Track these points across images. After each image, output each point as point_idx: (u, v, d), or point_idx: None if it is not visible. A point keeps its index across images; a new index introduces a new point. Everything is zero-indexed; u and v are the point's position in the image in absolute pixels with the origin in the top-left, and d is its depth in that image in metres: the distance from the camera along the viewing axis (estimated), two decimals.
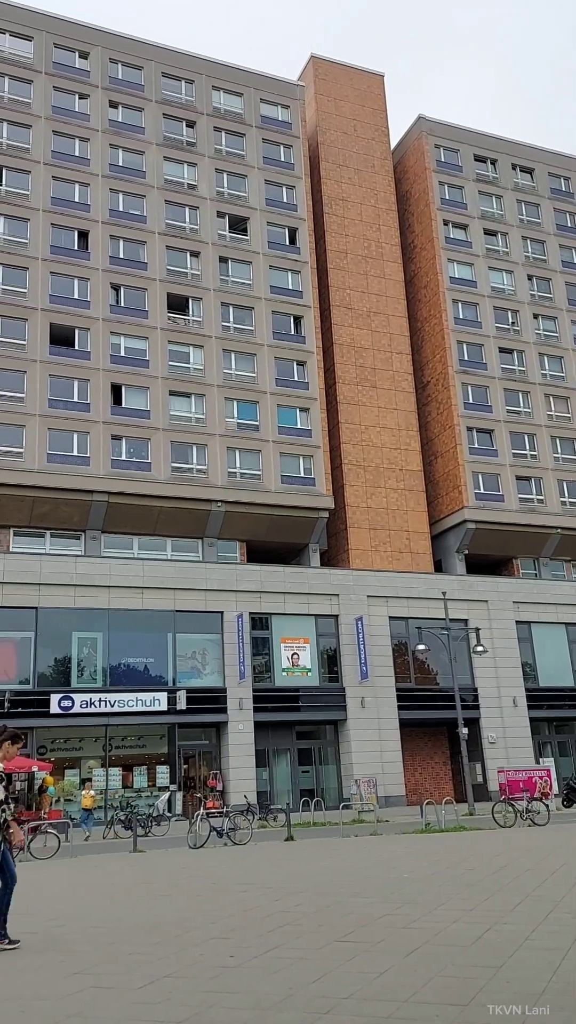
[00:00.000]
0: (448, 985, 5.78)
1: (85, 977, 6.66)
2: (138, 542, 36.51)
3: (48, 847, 19.37)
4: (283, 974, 6.42)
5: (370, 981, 6.02)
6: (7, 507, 33.91)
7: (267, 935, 8.04)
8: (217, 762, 32.86)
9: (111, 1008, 5.73)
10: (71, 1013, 5.65)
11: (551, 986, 5.64)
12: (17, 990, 6.37)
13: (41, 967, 7.19)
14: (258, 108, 43.68)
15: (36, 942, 8.37)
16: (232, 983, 6.25)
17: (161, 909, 10.21)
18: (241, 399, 38.91)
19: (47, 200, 37.77)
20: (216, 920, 9.04)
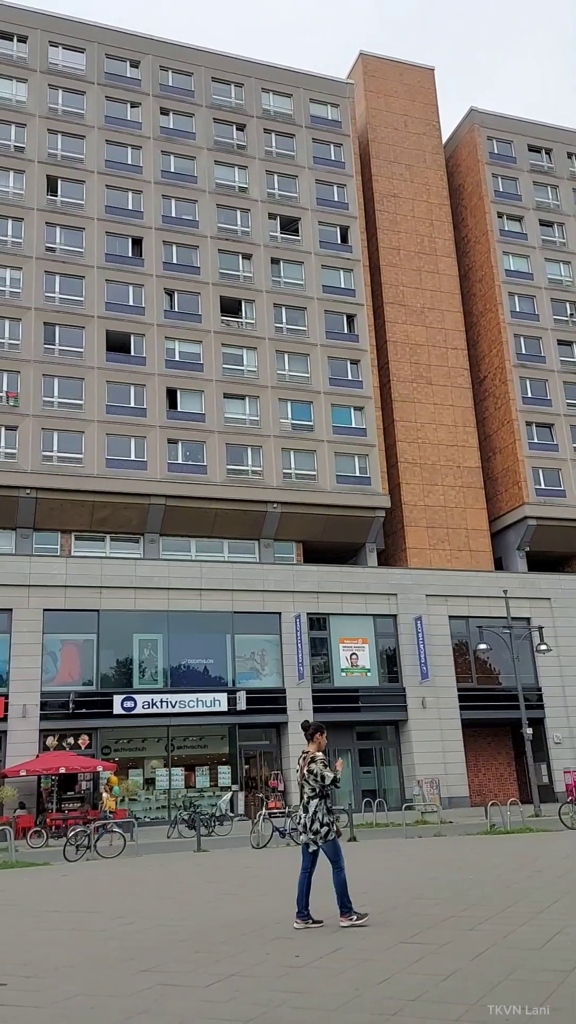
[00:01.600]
0: (518, 989, 5.66)
1: (153, 974, 6.72)
2: (195, 544, 36.83)
3: (114, 846, 19.64)
4: (349, 975, 6.38)
5: (438, 983, 5.94)
6: (68, 512, 34.54)
7: (332, 936, 8.00)
8: (278, 762, 32.91)
9: (179, 1005, 5.77)
10: (140, 1010, 5.70)
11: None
12: (88, 986, 6.46)
13: (110, 964, 7.27)
14: (307, 108, 43.70)
15: (105, 940, 8.48)
16: (298, 983, 6.22)
17: (226, 908, 10.25)
18: (295, 400, 38.94)
19: (101, 209, 38.38)
20: (281, 920, 9.03)
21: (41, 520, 34.44)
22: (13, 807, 27.43)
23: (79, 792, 29.83)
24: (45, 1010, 5.82)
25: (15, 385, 34.88)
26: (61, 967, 7.21)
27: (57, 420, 35.00)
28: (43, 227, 37.30)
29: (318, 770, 8.53)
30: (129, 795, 30.02)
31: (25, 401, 34.67)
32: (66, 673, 31.34)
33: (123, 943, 8.20)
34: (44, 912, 10.74)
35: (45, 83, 39.18)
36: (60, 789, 29.42)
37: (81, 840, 19.30)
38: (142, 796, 30.77)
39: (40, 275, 36.54)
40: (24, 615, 30.79)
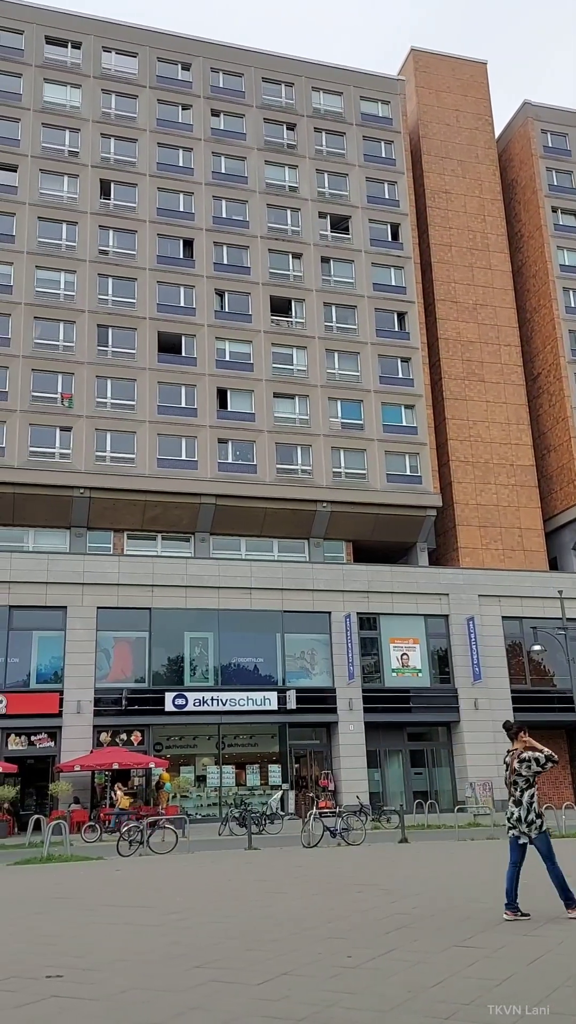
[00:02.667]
0: (574, 996, 5.54)
1: (205, 971, 6.74)
2: (245, 543, 36.97)
3: (166, 842, 19.81)
4: (402, 976, 6.32)
5: (492, 988, 5.85)
6: (121, 511, 34.98)
7: (384, 937, 7.94)
8: (328, 762, 32.86)
9: (232, 1003, 5.77)
10: (193, 1006, 5.72)
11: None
12: (141, 980, 6.51)
13: (163, 959, 7.32)
14: (358, 106, 43.54)
15: (158, 935, 8.55)
16: (351, 983, 6.19)
17: (278, 907, 10.25)
18: (345, 398, 38.83)
19: (153, 211, 38.77)
20: (332, 920, 9.00)
21: (94, 519, 34.94)
22: (68, 801, 27.88)
23: (132, 788, 30.17)
24: (100, 1003, 5.88)
25: (70, 387, 35.44)
26: (115, 961, 7.28)
27: (110, 421, 35.47)
28: (96, 230, 37.83)
29: (530, 756, 8.80)
30: (180, 792, 30.27)
31: (79, 402, 35.21)
32: (119, 670, 31.74)
33: (176, 939, 8.25)
34: (98, 906, 10.88)
35: (98, 88, 39.74)
36: (113, 784, 29.80)
37: (134, 835, 19.50)
38: (193, 793, 31.00)
39: (93, 278, 37.07)
40: (78, 613, 31.28)
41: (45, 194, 37.73)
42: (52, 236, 37.33)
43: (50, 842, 19.03)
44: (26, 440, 34.22)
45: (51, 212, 37.53)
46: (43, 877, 15.14)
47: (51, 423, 34.82)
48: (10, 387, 34.66)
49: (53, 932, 8.97)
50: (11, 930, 9.21)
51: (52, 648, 31.08)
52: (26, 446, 34.15)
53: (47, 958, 7.47)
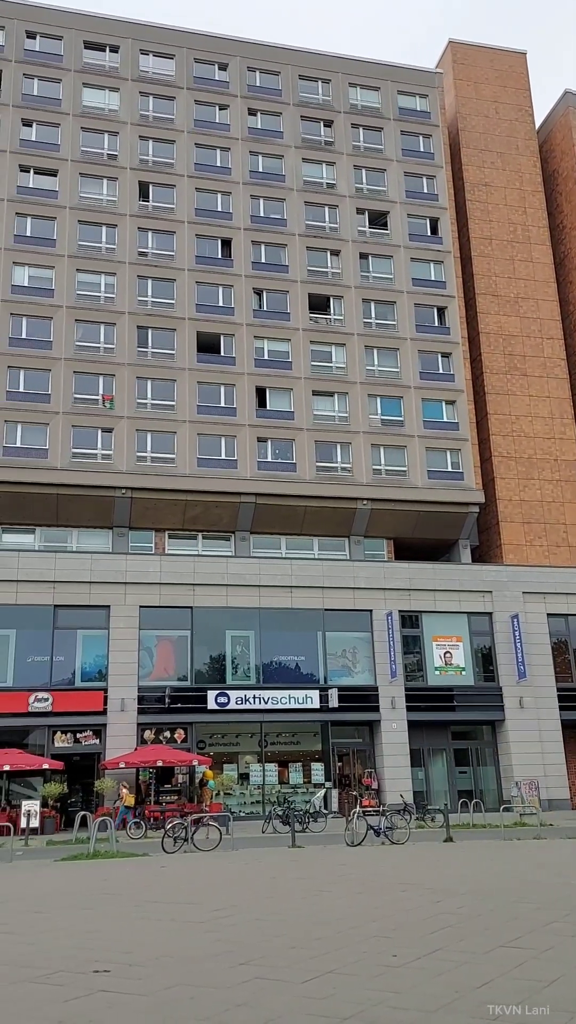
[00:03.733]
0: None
1: (250, 968, 6.75)
2: (286, 542, 36.98)
3: (210, 839, 19.92)
4: (448, 977, 6.27)
5: (539, 989, 5.77)
6: (162, 511, 35.24)
7: (429, 936, 7.88)
8: (371, 760, 32.75)
9: (277, 1000, 5.77)
10: (238, 1003, 5.73)
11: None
12: (187, 977, 6.54)
13: (208, 956, 7.35)
14: (395, 100, 43.27)
15: (203, 932, 8.59)
16: (396, 983, 6.15)
17: (322, 905, 10.24)
18: (385, 395, 38.64)
19: (191, 212, 38.97)
20: (377, 919, 8.96)
21: (136, 519, 35.25)
22: (113, 798, 28.19)
23: (176, 785, 30.41)
24: (146, 998, 5.92)
25: (111, 388, 35.80)
26: (161, 957, 7.33)
27: (150, 421, 35.74)
28: (135, 232, 38.13)
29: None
30: (224, 789, 30.42)
31: (120, 403, 35.54)
32: (162, 668, 32.00)
33: (220, 936, 8.28)
34: (144, 902, 10.97)
35: (136, 91, 40.05)
36: (158, 782, 30.06)
37: (179, 832, 19.65)
38: (237, 791, 31.13)
39: (133, 279, 37.38)
40: (121, 611, 31.60)
41: (85, 197, 38.16)
42: (92, 239, 37.73)
43: (96, 838, 19.26)
44: (69, 442, 34.65)
45: (91, 215, 37.93)
46: (90, 873, 15.33)
47: (93, 424, 35.21)
48: (52, 389, 35.12)
49: (100, 928, 9.07)
50: (59, 925, 9.33)
51: (96, 647, 31.45)
52: (69, 448, 34.57)
53: (94, 953, 7.55)
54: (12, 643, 30.98)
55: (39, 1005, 5.83)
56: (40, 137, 38.45)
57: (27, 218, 37.25)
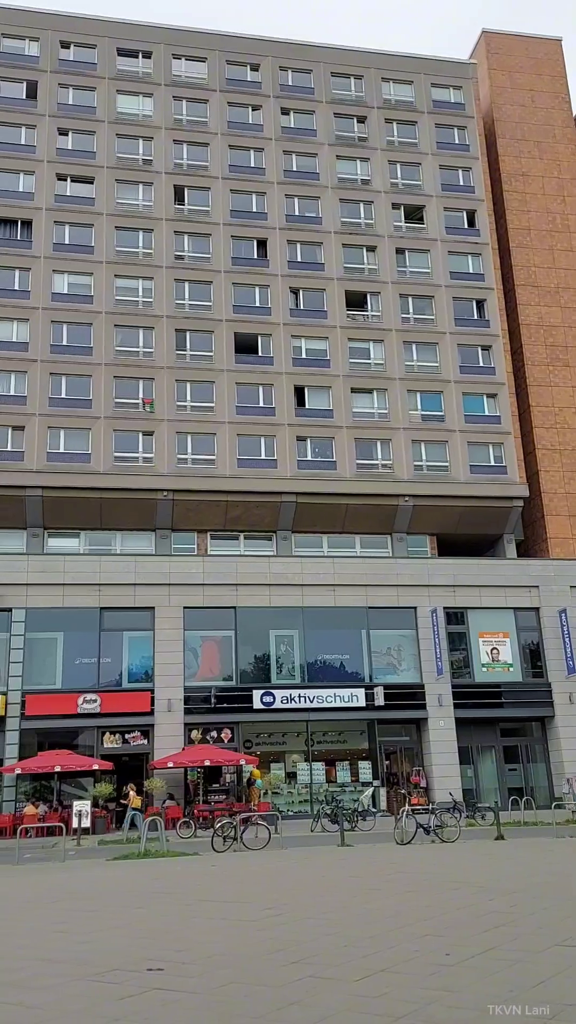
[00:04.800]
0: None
1: (303, 966, 6.73)
2: (327, 540, 36.90)
3: (259, 838, 19.96)
4: (503, 975, 6.18)
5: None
6: (203, 512, 35.42)
7: (483, 935, 7.78)
8: (419, 759, 32.54)
9: (330, 999, 5.74)
10: (292, 1001, 5.71)
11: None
12: (240, 975, 6.55)
13: (261, 954, 7.35)
14: (429, 93, 42.93)
15: (255, 930, 8.59)
16: (450, 981, 6.08)
17: (373, 903, 10.18)
18: (424, 390, 38.36)
19: (226, 213, 39.10)
20: (429, 917, 8.87)
21: (178, 521, 35.49)
22: (162, 798, 28.41)
23: (224, 784, 30.56)
24: (200, 996, 5.94)
25: (150, 391, 36.10)
26: (214, 955, 7.35)
27: (190, 423, 35.95)
28: (172, 236, 38.40)
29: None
30: (272, 788, 30.48)
31: (160, 406, 35.82)
32: (207, 668, 32.18)
33: (272, 934, 8.28)
34: (196, 901, 11.02)
35: (169, 95, 40.32)
36: (206, 781, 30.23)
37: (228, 831, 19.72)
38: (284, 790, 31.16)
39: (170, 283, 37.64)
40: (166, 613, 31.87)
41: (121, 203, 38.52)
42: (129, 244, 38.08)
43: (147, 838, 19.42)
44: (111, 446, 35.01)
45: (127, 221, 38.29)
46: (141, 872, 15.46)
47: (134, 428, 35.54)
48: (94, 395, 35.53)
49: (152, 926, 9.13)
50: (112, 924, 9.42)
51: (142, 648, 31.75)
52: (111, 452, 34.93)
53: (147, 951, 7.60)
54: (60, 646, 31.45)
55: (95, 1003, 5.88)
56: (76, 145, 38.91)
57: (65, 226, 37.74)
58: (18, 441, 34.41)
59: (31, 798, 28.84)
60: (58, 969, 7.02)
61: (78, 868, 17.21)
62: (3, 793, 29.00)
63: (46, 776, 28.85)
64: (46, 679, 30.88)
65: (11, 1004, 5.94)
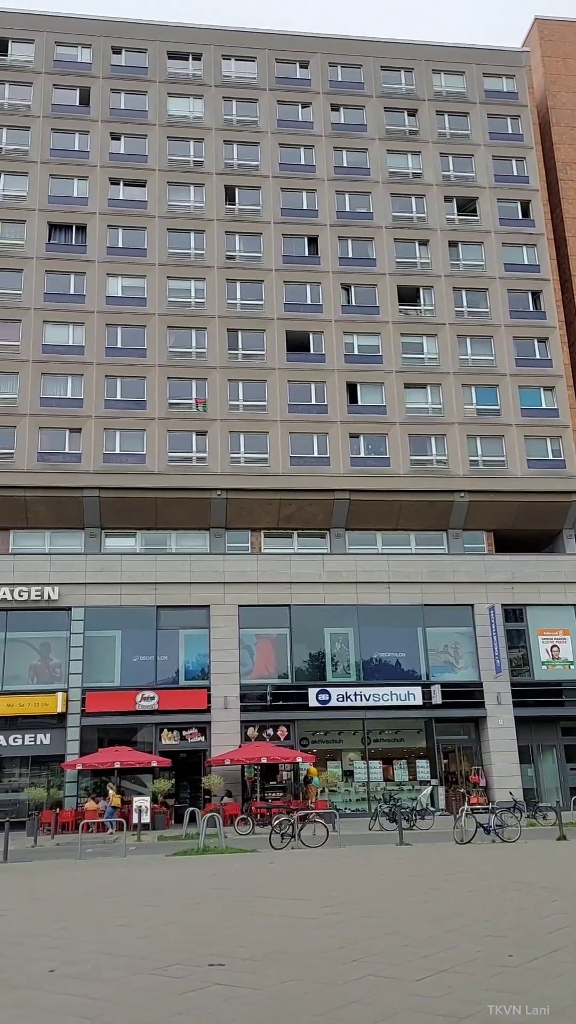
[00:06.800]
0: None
1: (363, 965, 6.70)
2: (382, 537, 36.65)
3: (317, 836, 19.95)
4: (568, 977, 6.06)
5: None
6: (257, 511, 35.52)
7: (546, 936, 7.65)
8: (478, 757, 32.16)
9: (391, 998, 5.70)
10: (353, 999, 5.69)
11: None
12: (300, 972, 6.54)
13: (321, 952, 7.34)
14: (481, 84, 42.31)
15: (313, 928, 8.58)
16: (514, 983, 5.99)
17: (433, 903, 10.09)
18: (479, 384, 37.83)
19: (277, 212, 39.12)
20: (490, 918, 8.76)
21: (232, 520, 35.66)
22: (221, 795, 28.61)
23: (281, 782, 30.63)
24: (262, 992, 5.95)
25: (203, 391, 36.33)
26: (273, 952, 7.36)
27: (243, 422, 36.07)
28: (223, 236, 38.56)
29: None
30: (328, 786, 30.44)
31: (212, 406, 36.02)
32: (262, 666, 32.29)
33: (332, 932, 8.26)
34: (255, 898, 11.06)
35: (220, 96, 40.49)
36: (262, 779, 30.35)
37: (286, 829, 19.76)
38: (341, 788, 31.10)
39: (222, 283, 37.82)
40: (220, 611, 32.09)
41: (173, 205, 38.82)
42: (181, 246, 38.36)
43: (205, 834, 19.58)
44: (165, 446, 35.34)
45: (179, 222, 38.56)
46: (200, 868, 15.58)
47: (187, 428, 35.80)
48: (148, 396, 35.89)
49: (212, 922, 9.19)
50: (173, 919, 9.50)
51: (198, 646, 32.02)
52: (165, 452, 35.27)
53: (208, 947, 7.65)
54: (118, 644, 31.91)
55: (158, 997, 5.94)
56: (128, 149, 39.34)
57: (119, 229, 38.18)
58: (75, 443, 34.96)
59: (92, 794, 29.32)
60: (121, 963, 7.12)
61: (138, 863, 17.44)
62: (65, 788, 29.55)
63: (106, 772, 29.31)
64: (105, 677, 31.37)
65: (77, 996, 6.04)
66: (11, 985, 6.49)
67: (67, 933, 8.79)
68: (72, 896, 12.23)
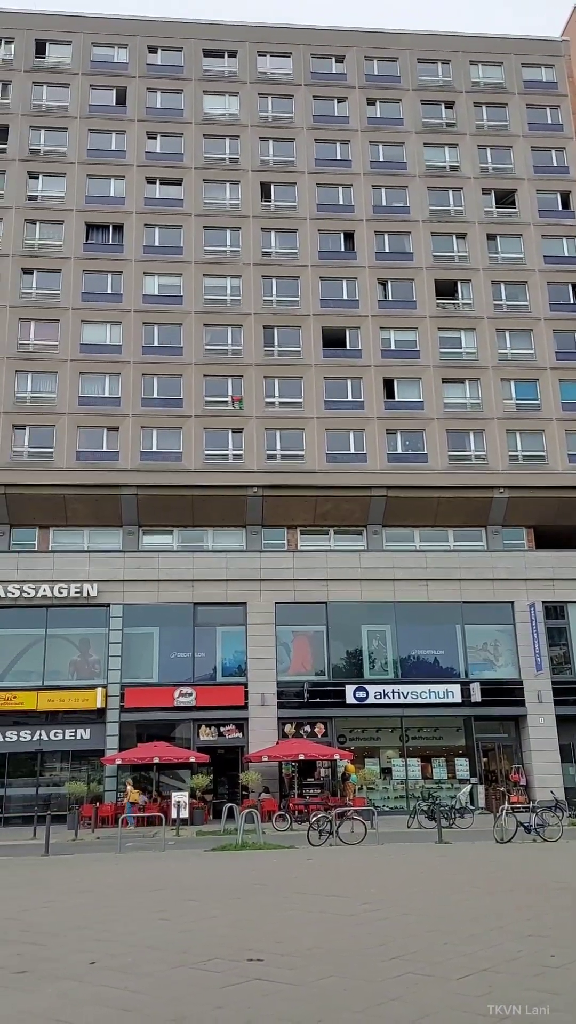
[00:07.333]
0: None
1: (403, 963, 6.64)
2: (419, 534, 36.41)
3: (355, 833, 19.89)
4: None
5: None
6: (293, 508, 35.50)
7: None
8: (518, 756, 31.83)
9: (432, 996, 5.64)
10: (392, 997, 5.64)
11: None
12: (339, 968, 6.51)
13: (360, 949, 7.29)
14: (519, 74, 41.79)
15: (352, 925, 8.54)
16: (556, 983, 5.88)
17: (473, 902, 9.98)
18: (519, 378, 37.38)
19: (313, 208, 39.03)
20: (532, 917, 8.63)
21: (268, 517, 35.68)
22: (258, 791, 28.68)
23: (318, 779, 30.61)
24: (301, 988, 5.92)
25: (239, 389, 36.40)
26: (313, 948, 7.33)
27: (279, 419, 36.07)
28: (259, 233, 38.59)
29: None
30: (367, 784, 30.35)
31: (248, 403, 36.07)
32: (299, 663, 32.29)
33: (371, 930, 8.21)
34: (293, 894, 11.04)
35: (255, 92, 40.51)
36: (300, 775, 30.35)
37: (324, 825, 19.74)
38: (380, 785, 30.99)
39: (258, 280, 37.85)
40: (257, 608, 32.15)
41: (209, 203, 38.94)
42: (217, 244, 38.46)
43: (243, 830, 19.62)
44: (201, 444, 35.47)
45: (215, 220, 38.67)
46: (239, 863, 15.62)
47: (223, 426, 35.90)
48: (184, 394, 36.06)
49: (250, 917, 9.19)
50: (212, 913, 9.53)
51: (235, 643, 32.13)
52: (201, 450, 35.40)
53: (247, 942, 7.64)
54: (156, 640, 32.16)
55: (198, 990, 5.94)
56: (164, 148, 39.54)
57: (155, 228, 38.41)
58: (113, 441, 35.25)
59: (132, 789, 29.57)
60: (161, 956, 7.14)
61: (177, 858, 17.53)
62: (104, 783, 29.85)
63: (145, 767, 29.55)
64: (143, 673, 31.64)
65: (117, 988, 6.07)
66: (54, 976, 6.55)
67: (108, 926, 8.86)
68: (113, 889, 12.34)
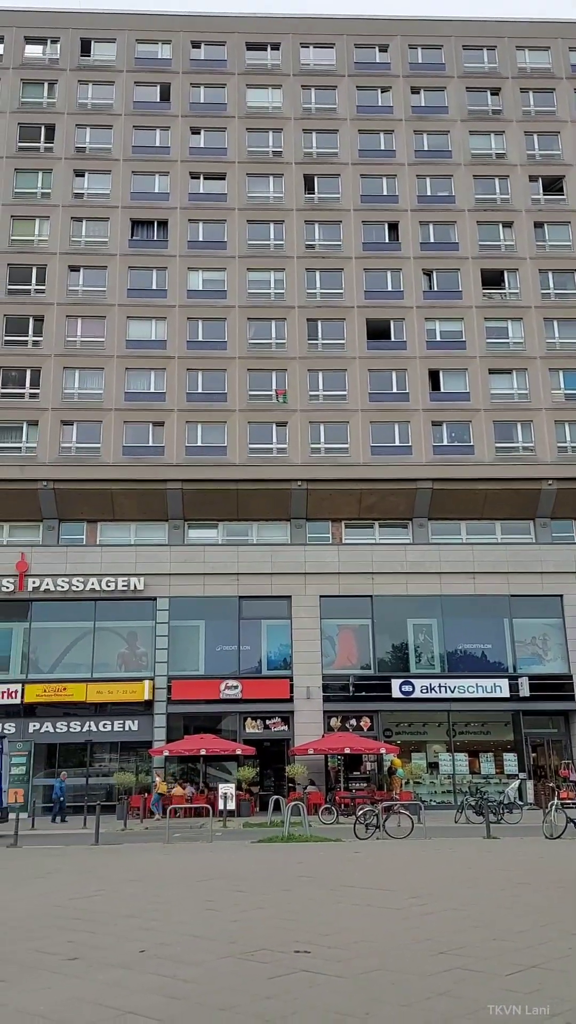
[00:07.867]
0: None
1: (450, 958, 6.61)
2: (466, 527, 36.04)
3: (402, 827, 19.83)
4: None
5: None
6: (337, 501, 35.42)
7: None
8: (568, 751, 31.40)
9: (479, 991, 5.61)
10: (440, 991, 5.62)
11: None
12: (386, 962, 6.50)
13: (407, 943, 7.28)
14: (567, 58, 40.93)
15: (400, 919, 8.52)
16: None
17: (522, 897, 9.89)
18: (568, 368, 36.73)
19: (357, 199, 38.78)
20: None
21: (312, 510, 35.65)
22: (304, 784, 28.76)
23: (364, 773, 30.58)
24: (348, 980, 5.94)
25: (283, 383, 36.39)
26: (359, 941, 7.34)
27: (323, 413, 35.98)
28: (302, 226, 38.47)
29: None
30: (413, 778, 30.23)
31: (292, 397, 36.04)
32: (344, 657, 32.26)
33: (418, 923, 8.19)
34: (340, 887, 11.06)
35: (298, 84, 40.34)
36: (346, 769, 30.36)
37: (370, 819, 19.71)
38: (426, 780, 30.85)
39: (301, 273, 37.75)
40: (302, 601, 32.18)
41: (252, 197, 38.93)
42: (261, 237, 38.45)
43: (290, 822, 19.70)
44: (246, 438, 35.57)
45: (258, 214, 38.65)
46: (285, 856, 15.69)
47: (268, 420, 35.94)
48: (229, 388, 36.17)
49: (297, 909, 9.23)
50: (259, 904, 9.59)
51: (280, 636, 32.22)
52: (246, 443, 35.50)
53: (294, 934, 7.68)
54: (202, 633, 32.42)
55: (245, 980, 5.99)
56: (208, 143, 39.63)
57: (199, 223, 38.54)
58: (159, 436, 35.53)
59: (179, 779, 29.90)
60: (209, 946, 7.22)
61: (225, 849, 17.67)
62: (152, 774, 30.21)
63: (192, 759, 29.81)
64: (190, 665, 31.92)
65: (167, 977, 6.15)
66: (106, 963, 6.67)
67: (158, 915, 8.98)
68: (162, 879, 12.49)
